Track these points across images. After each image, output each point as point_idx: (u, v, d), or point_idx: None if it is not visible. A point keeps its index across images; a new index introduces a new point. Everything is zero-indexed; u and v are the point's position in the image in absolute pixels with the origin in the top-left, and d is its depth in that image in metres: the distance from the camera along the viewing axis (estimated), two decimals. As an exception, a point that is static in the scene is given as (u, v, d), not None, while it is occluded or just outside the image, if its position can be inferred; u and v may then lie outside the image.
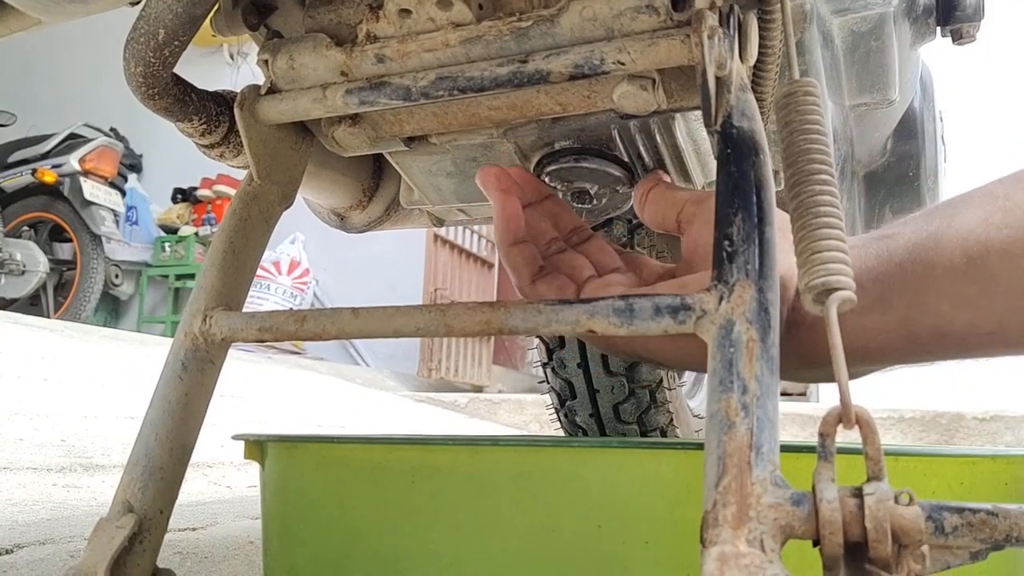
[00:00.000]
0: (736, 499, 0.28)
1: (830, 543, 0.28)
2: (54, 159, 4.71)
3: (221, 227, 0.48)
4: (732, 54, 0.39)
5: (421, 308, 0.40)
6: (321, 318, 0.42)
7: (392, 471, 0.44)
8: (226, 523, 0.94)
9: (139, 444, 0.42)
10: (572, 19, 0.41)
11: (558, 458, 0.41)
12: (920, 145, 0.85)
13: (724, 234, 0.35)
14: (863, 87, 0.66)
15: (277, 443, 0.49)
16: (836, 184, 0.37)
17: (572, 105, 0.46)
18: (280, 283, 4.70)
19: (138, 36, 0.46)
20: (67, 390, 1.74)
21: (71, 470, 1.23)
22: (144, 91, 0.48)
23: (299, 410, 2.43)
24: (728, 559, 0.27)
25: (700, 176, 0.57)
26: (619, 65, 0.41)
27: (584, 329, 0.37)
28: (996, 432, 2.78)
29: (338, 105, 0.46)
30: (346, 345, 4.91)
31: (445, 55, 0.44)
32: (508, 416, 3.38)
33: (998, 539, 0.28)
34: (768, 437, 0.30)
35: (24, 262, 4.65)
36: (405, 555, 0.43)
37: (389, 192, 0.70)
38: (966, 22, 0.69)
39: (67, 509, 0.97)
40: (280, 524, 0.49)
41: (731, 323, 0.33)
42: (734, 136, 0.37)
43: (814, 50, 0.56)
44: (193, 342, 0.44)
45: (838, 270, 0.34)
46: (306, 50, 0.46)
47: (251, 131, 0.48)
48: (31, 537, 0.77)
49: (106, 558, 0.38)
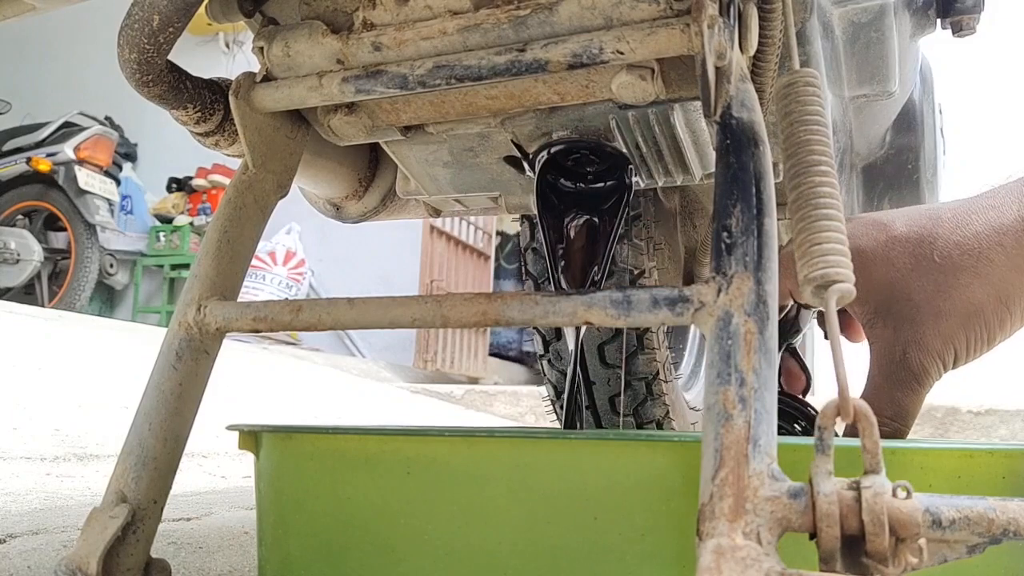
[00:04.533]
0: (733, 492, 0.28)
1: (827, 536, 0.27)
2: (49, 148, 4.69)
3: (216, 216, 0.48)
4: (732, 44, 0.39)
5: (417, 299, 0.40)
6: (316, 308, 0.42)
7: (387, 462, 0.44)
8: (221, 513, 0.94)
9: (133, 434, 0.42)
10: (571, 8, 0.41)
11: (554, 450, 0.40)
12: (919, 137, 0.85)
13: (723, 226, 0.35)
14: (863, 78, 0.66)
15: (272, 433, 0.49)
16: (836, 176, 0.37)
17: (570, 95, 0.46)
18: (276, 273, 4.69)
19: (132, 22, 0.45)
20: (61, 379, 1.74)
21: (65, 460, 1.22)
22: (138, 78, 0.47)
23: (294, 401, 2.43)
24: (724, 552, 0.27)
25: (698, 167, 0.57)
26: (618, 54, 0.40)
27: (581, 321, 0.36)
28: (991, 426, 2.79)
29: (334, 93, 0.46)
30: (342, 336, 4.90)
31: (442, 43, 0.44)
32: (504, 408, 3.38)
33: (995, 533, 0.28)
34: (765, 430, 0.30)
35: (18, 251, 4.64)
36: (400, 546, 0.43)
37: (385, 182, 0.69)
38: (966, 14, 0.69)
39: (60, 499, 0.97)
40: (275, 514, 0.48)
41: (729, 315, 0.33)
42: (733, 127, 0.37)
43: (814, 40, 0.55)
44: (187, 332, 0.44)
45: (837, 262, 0.33)
46: (302, 37, 0.46)
47: (246, 119, 0.48)
48: (24, 527, 0.77)
49: (99, 548, 0.38)
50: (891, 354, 0.53)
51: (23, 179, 4.74)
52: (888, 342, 0.53)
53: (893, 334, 0.53)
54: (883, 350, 0.53)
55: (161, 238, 5.19)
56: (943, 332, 0.51)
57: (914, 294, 0.52)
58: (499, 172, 0.57)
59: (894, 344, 0.53)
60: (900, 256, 0.53)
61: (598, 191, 0.56)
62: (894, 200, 0.86)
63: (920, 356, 0.52)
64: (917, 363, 0.52)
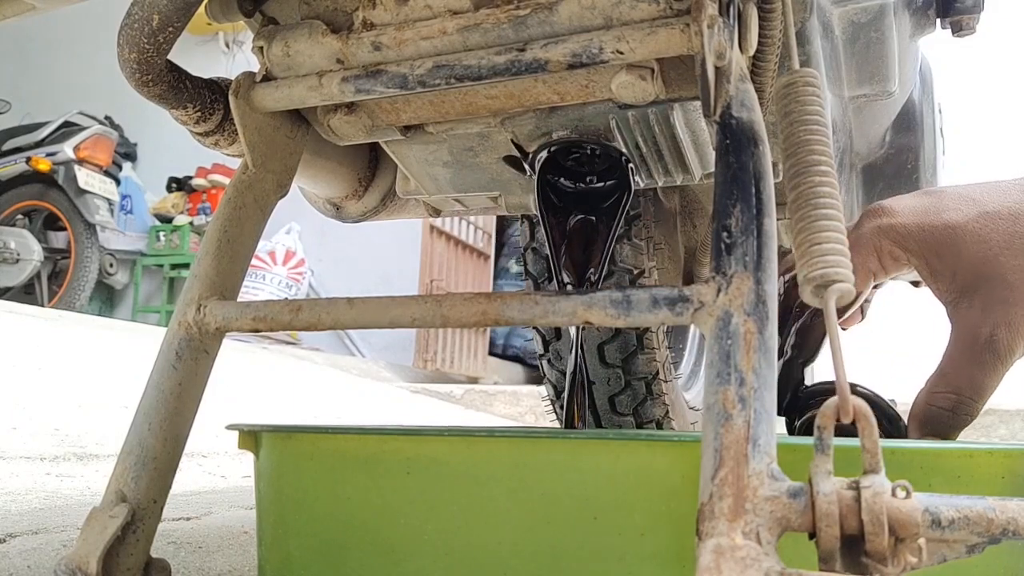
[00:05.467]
0: (732, 491, 0.28)
1: (826, 536, 0.27)
2: (48, 147, 4.69)
3: (216, 216, 0.48)
4: (732, 44, 0.39)
5: (417, 298, 0.40)
6: (316, 308, 0.42)
7: (387, 462, 0.44)
8: (220, 513, 0.94)
9: (133, 434, 0.42)
10: (571, 7, 0.41)
11: (554, 450, 0.40)
12: (919, 137, 0.85)
13: (722, 225, 0.35)
14: (863, 78, 0.66)
15: (272, 433, 0.49)
16: (836, 175, 0.37)
17: (570, 94, 0.46)
18: (275, 273, 4.69)
19: (132, 22, 0.45)
20: (61, 379, 1.74)
21: (64, 459, 1.22)
22: (138, 78, 0.47)
23: (294, 400, 2.43)
24: (724, 551, 0.27)
25: (698, 167, 0.57)
26: (618, 54, 0.40)
27: (581, 320, 0.36)
28: (990, 425, 2.79)
29: (334, 93, 0.46)
30: (341, 336, 4.90)
31: (442, 43, 0.44)
32: (503, 408, 3.38)
33: (995, 533, 0.28)
34: (765, 429, 0.30)
35: (18, 250, 4.64)
36: (400, 546, 0.43)
37: (385, 182, 0.69)
38: (965, 14, 0.69)
39: (60, 498, 0.97)
40: (275, 514, 0.48)
41: (729, 315, 0.33)
42: (733, 127, 0.37)
43: (814, 40, 0.55)
44: (187, 331, 0.44)
45: (837, 262, 0.33)
46: (302, 37, 0.46)
47: (246, 119, 0.48)
48: (24, 526, 0.77)
49: (99, 548, 0.38)
50: (977, 334, 0.51)
51: (23, 179, 4.74)
52: (975, 322, 0.51)
53: (981, 314, 0.51)
54: (968, 329, 0.52)
55: (161, 238, 5.19)
56: None
57: (1008, 273, 0.51)
58: (499, 172, 0.57)
59: (981, 325, 0.51)
60: (993, 233, 0.52)
61: (598, 191, 0.56)
62: (894, 200, 0.86)
63: (1009, 337, 0.51)
64: (1005, 344, 0.51)
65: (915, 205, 0.56)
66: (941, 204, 0.54)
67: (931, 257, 0.54)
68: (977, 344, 0.52)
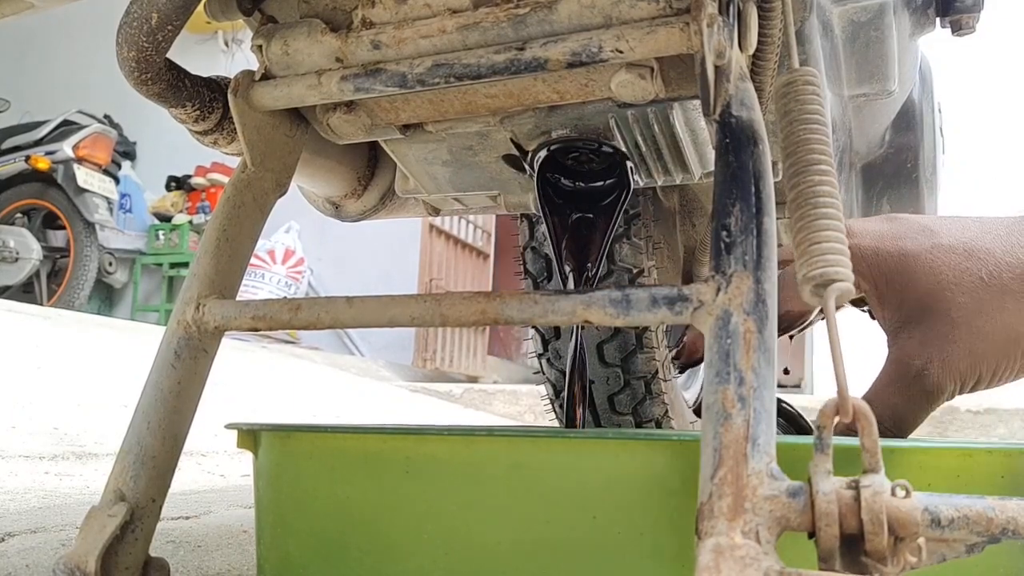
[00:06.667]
0: (732, 491, 0.28)
1: (826, 535, 0.27)
2: (47, 146, 4.68)
3: (215, 215, 0.48)
4: (731, 43, 0.39)
5: (416, 297, 0.40)
6: (315, 307, 0.42)
7: (386, 461, 0.43)
8: (219, 512, 0.94)
9: (131, 433, 0.42)
10: (570, 6, 0.41)
11: (553, 449, 0.40)
12: (919, 136, 0.85)
13: (722, 224, 0.35)
14: (862, 77, 0.66)
15: (271, 432, 0.49)
16: (835, 175, 0.37)
17: (569, 93, 0.46)
18: (274, 272, 4.69)
19: (131, 20, 0.45)
20: (60, 378, 1.74)
21: (63, 458, 1.22)
22: (137, 76, 0.47)
23: (293, 399, 2.42)
24: (723, 551, 0.27)
25: (698, 166, 0.56)
26: (617, 53, 0.40)
27: (580, 320, 0.36)
28: (989, 425, 2.79)
29: (333, 92, 0.46)
30: (341, 335, 4.90)
31: (441, 42, 0.43)
32: (503, 407, 3.38)
33: (994, 532, 0.28)
34: (764, 429, 0.30)
35: (17, 249, 4.64)
36: (399, 545, 0.43)
37: (384, 181, 0.69)
38: (965, 13, 0.69)
39: (59, 497, 0.97)
40: (274, 513, 0.48)
41: (728, 314, 0.33)
42: (733, 126, 0.37)
43: (814, 39, 0.55)
44: (186, 330, 0.44)
45: (837, 261, 0.33)
46: (301, 36, 0.46)
47: (245, 118, 0.48)
48: (22, 525, 0.77)
49: (97, 547, 0.38)
50: (908, 366, 0.51)
51: (22, 177, 4.74)
52: (910, 353, 0.51)
53: (918, 347, 0.50)
54: (902, 360, 0.51)
55: (160, 236, 5.19)
56: (974, 353, 0.49)
57: (953, 310, 0.50)
58: (498, 171, 0.57)
59: (916, 357, 0.50)
60: (945, 267, 0.51)
61: (597, 189, 0.56)
62: (893, 199, 0.86)
63: (941, 374, 0.50)
64: (934, 381, 0.50)
65: (874, 229, 0.55)
66: (900, 231, 0.53)
67: (880, 282, 0.53)
68: (907, 376, 0.51)
